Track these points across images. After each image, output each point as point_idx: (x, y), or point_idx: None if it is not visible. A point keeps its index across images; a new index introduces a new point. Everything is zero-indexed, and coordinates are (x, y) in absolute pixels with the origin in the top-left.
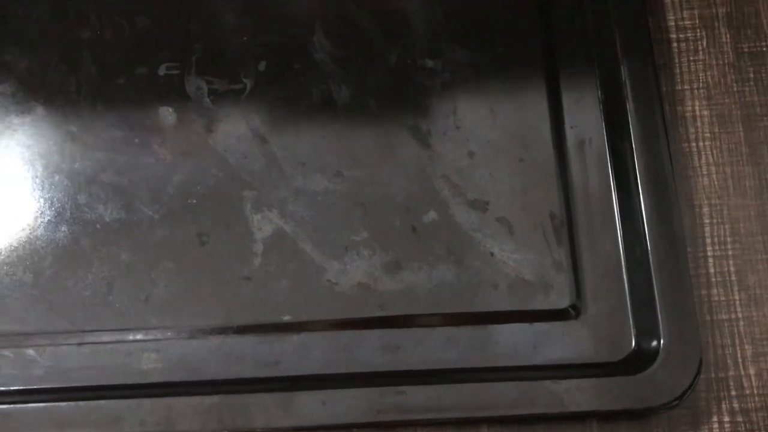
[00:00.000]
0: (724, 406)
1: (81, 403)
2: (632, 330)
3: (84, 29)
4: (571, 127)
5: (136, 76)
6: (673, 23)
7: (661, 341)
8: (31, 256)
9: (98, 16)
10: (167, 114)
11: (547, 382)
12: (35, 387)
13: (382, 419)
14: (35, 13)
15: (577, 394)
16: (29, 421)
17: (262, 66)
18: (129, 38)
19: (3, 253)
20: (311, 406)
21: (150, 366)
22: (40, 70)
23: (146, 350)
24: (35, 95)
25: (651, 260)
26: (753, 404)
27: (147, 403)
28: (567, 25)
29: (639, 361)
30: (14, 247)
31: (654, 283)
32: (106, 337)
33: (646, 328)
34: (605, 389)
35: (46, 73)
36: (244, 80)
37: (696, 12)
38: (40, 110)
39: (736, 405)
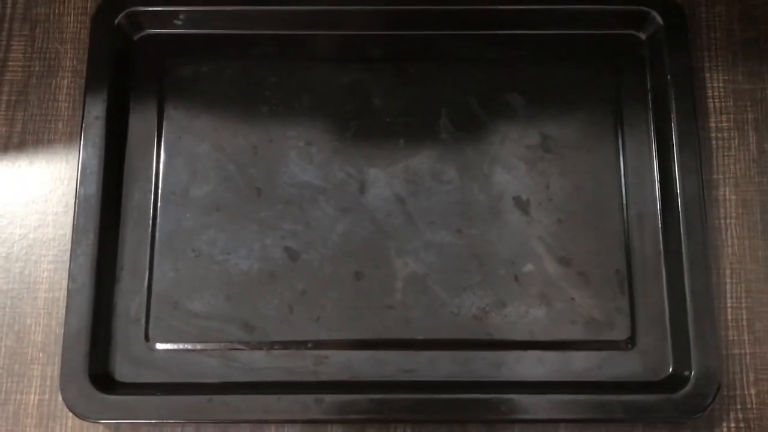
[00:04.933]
0: (731, 415)
1: (269, 396)
2: (671, 360)
3: (263, 105)
4: (634, 203)
5: (304, 144)
6: (713, 125)
7: (692, 369)
8: (228, 284)
9: (273, 93)
10: (330, 177)
11: (609, 396)
12: (234, 381)
13: (492, 418)
14: (223, 87)
15: (629, 405)
16: (235, 407)
17: (401, 143)
18: (298, 113)
19: (205, 281)
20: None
21: (321, 368)
22: (229, 136)
23: (319, 356)
24: (226, 154)
25: (687, 309)
26: (752, 415)
27: (324, 396)
28: (636, 127)
29: (675, 382)
30: (214, 276)
31: (689, 326)
32: (289, 347)
33: (682, 359)
34: (650, 402)
35: (234, 139)
36: (387, 153)
37: (732, 116)
38: (231, 168)
39: (740, 415)
